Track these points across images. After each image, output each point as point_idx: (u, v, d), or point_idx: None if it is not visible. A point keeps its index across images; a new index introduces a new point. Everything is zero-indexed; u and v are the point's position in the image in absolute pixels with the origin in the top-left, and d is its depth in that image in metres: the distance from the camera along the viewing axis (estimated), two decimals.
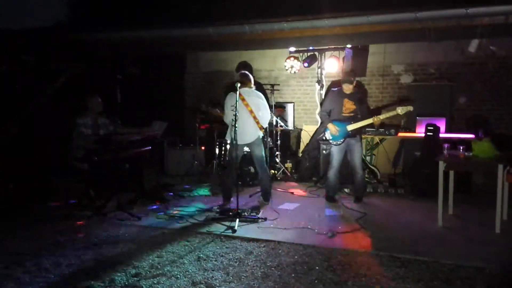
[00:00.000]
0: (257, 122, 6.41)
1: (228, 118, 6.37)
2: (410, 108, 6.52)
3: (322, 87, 9.22)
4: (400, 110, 6.50)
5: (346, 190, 7.30)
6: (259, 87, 6.83)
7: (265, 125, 6.62)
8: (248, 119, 6.36)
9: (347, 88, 6.67)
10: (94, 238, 5.29)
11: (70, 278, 4.12)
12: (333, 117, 6.78)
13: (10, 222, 5.96)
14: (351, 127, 6.62)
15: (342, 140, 6.68)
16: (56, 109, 7.48)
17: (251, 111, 6.36)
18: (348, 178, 7.21)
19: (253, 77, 6.64)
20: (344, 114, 6.70)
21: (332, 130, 6.70)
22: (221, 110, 7.33)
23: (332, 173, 6.85)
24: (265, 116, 6.50)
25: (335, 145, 6.74)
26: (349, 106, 6.68)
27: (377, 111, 8.28)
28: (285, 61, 9.15)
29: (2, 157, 7.04)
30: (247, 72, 6.62)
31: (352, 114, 6.67)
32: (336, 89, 6.91)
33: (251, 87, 6.49)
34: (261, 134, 6.57)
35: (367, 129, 8.01)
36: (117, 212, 6.24)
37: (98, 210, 6.26)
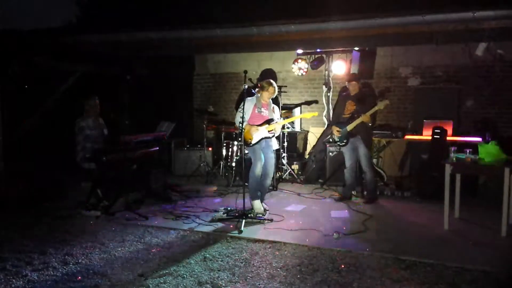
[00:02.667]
0: None
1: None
2: (387, 101, 6.70)
3: (329, 89, 9.24)
4: (379, 105, 6.66)
5: (353, 192, 7.31)
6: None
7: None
8: None
9: (351, 88, 6.95)
10: (101, 237, 5.34)
11: (77, 277, 4.17)
12: (337, 120, 7.16)
13: (18, 221, 6.00)
14: (349, 127, 6.82)
15: (345, 141, 6.91)
16: (65, 110, 7.54)
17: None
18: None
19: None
20: (344, 116, 6.98)
21: (334, 132, 7.04)
22: None
23: (346, 172, 7.15)
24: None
25: (341, 146, 7.06)
26: (350, 107, 6.95)
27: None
28: (293, 63, 9.18)
29: (12, 156, 7.11)
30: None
31: (350, 115, 6.88)
32: (344, 93, 7.23)
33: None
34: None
35: (374, 131, 8.05)
36: (125, 212, 6.30)
37: (105, 209, 6.33)
